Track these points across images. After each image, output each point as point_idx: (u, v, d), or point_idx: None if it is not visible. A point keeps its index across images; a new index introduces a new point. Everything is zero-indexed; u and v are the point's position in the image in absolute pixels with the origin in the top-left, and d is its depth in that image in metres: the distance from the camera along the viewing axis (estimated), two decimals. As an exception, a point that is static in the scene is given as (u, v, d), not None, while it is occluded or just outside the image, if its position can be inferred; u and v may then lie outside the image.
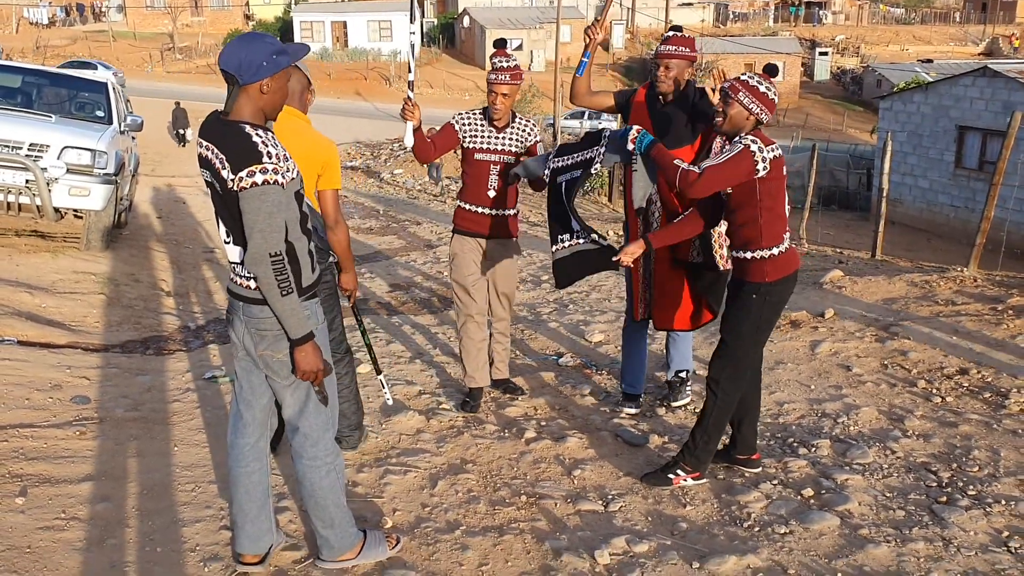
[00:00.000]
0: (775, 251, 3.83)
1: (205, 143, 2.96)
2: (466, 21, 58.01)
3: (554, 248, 4.48)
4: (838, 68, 58.96)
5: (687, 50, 4.63)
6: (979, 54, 58.54)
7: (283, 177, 2.90)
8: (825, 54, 59.01)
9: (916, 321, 6.38)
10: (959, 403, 5.09)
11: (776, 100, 3.77)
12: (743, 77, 3.78)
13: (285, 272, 2.90)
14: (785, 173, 3.83)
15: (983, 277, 7.48)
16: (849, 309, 6.85)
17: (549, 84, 41.51)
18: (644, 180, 4.34)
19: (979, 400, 5.11)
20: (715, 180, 3.72)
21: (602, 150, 4.32)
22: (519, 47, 55.49)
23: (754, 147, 3.69)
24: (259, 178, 2.83)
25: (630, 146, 4.13)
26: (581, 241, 4.40)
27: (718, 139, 4.49)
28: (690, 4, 66.01)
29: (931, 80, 26.32)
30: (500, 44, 4.96)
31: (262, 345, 3.08)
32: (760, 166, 3.69)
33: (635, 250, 4.15)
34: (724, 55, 50.95)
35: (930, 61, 50.53)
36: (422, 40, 59.05)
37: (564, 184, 4.49)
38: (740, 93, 3.74)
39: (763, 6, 70.32)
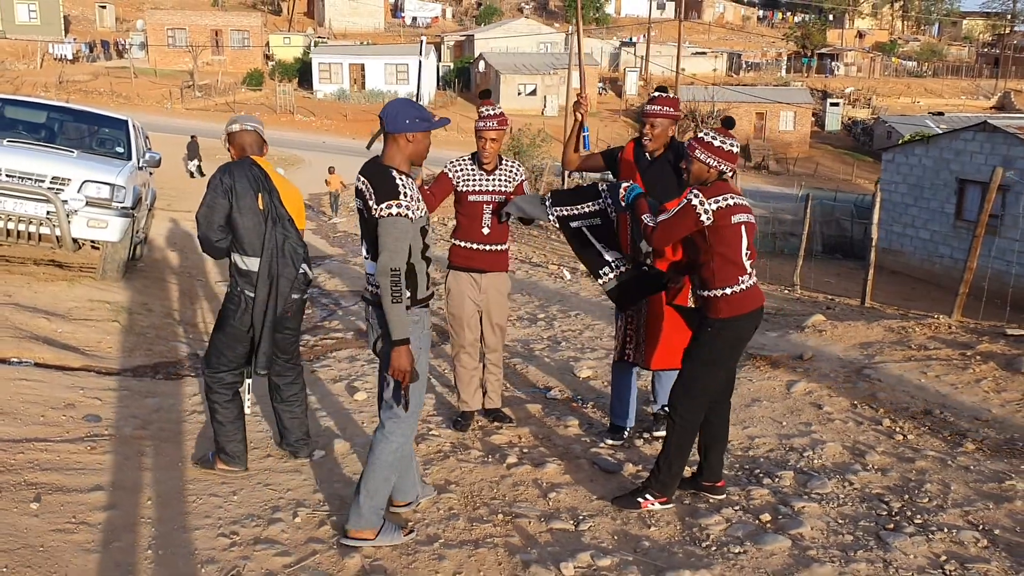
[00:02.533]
0: (728, 291, 4.19)
1: (362, 178, 3.83)
2: (481, 66, 59.05)
3: (600, 282, 5.01)
4: (849, 119, 59.59)
5: (671, 109, 5.02)
6: (991, 107, 59.13)
7: (413, 213, 3.71)
8: (836, 105, 59.68)
9: (888, 364, 6.68)
10: (919, 441, 5.38)
11: (734, 151, 4.17)
12: (700, 135, 4.20)
13: (399, 285, 3.66)
14: (740, 221, 4.18)
15: (957, 324, 7.79)
16: (826, 352, 7.16)
17: (561, 129, 42.13)
18: (636, 228, 4.87)
19: (938, 438, 5.40)
20: (667, 232, 4.23)
21: (608, 201, 4.87)
22: (533, 92, 56.38)
23: (695, 201, 4.12)
24: (395, 211, 3.65)
25: (621, 202, 4.69)
26: (623, 270, 4.93)
27: None
28: (703, 53, 67.00)
29: (938, 133, 26.75)
30: (485, 95, 5.39)
31: (376, 339, 3.93)
32: (703, 217, 4.11)
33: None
34: (736, 104, 51.70)
35: (941, 114, 51.12)
36: (438, 84, 60.11)
37: (587, 229, 5.00)
38: (696, 150, 4.18)
39: (775, 57, 71.28)
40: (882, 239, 22.91)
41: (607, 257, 4.93)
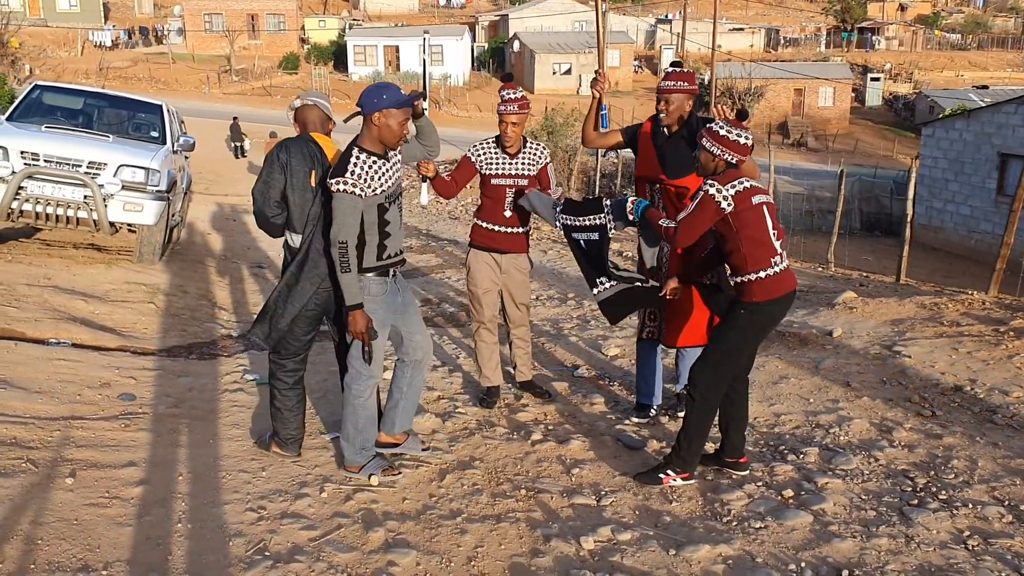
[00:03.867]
0: (761, 275, 4.18)
1: None
2: (516, 46, 58.81)
3: (595, 291, 4.97)
4: (890, 94, 58.58)
5: (687, 84, 4.99)
6: (1037, 79, 57.79)
7: (360, 190, 4.08)
8: (877, 80, 58.67)
9: (919, 341, 6.62)
10: (948, 417, 5.34)
11: (744, 142, 4.15)
12: (710, 125, 4.22)
13: (347, 256, 4.05)
14: (760, 202, 4.17)
15: (992, 300, 7.69)
16: (857, 328, 7.11)
17: (596, 108, 41.85)
18: (650, 242, 4.94)
19: (968, 415, 5.36)
20: (690, 229, 4.22)
21: (610, 217, 4.87)
22: (568, 71, 56.06)
23: (712, 190, 4.12)
24: (340, 187, 4.05)
25: (629, 217, 4.72)
26: (616, 283, 4.89)
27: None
28: (740, 29, 66.16)
29: (980, 106, 26.24)
30: (508, 78, 5.40)
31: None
32: (724, 204, 4.11)
33: (675, 284, 4.75)
34: (774, 80, 51.03)
35: (985, 87, 50.07)
36: (473, 64, 60.00)
37: (583, 242, 5.01)
38: (704, 139, 4.20)
39: (815, 31, 70.18)
40: (922, 215, 22.61)
41: (608, 268, 4.94)
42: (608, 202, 4.86)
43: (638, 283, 4.87)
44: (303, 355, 4.75)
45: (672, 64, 5.13)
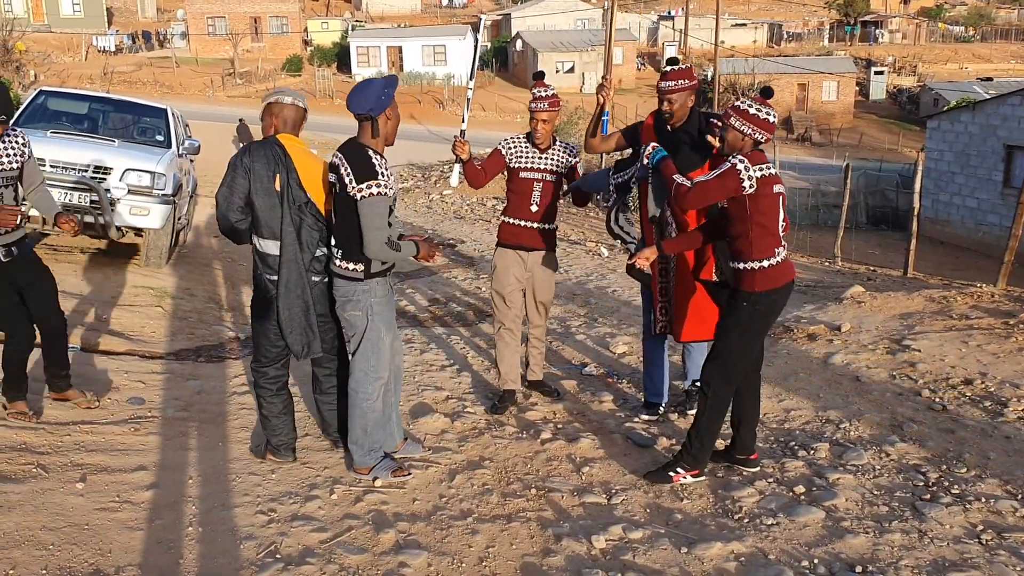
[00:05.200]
0: (765, 264, 4.14)
1: (339, 155, 4.22)
2: (519, 45, 58.77)
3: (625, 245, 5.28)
4: (894, 87, 58.38)
5: (687, 81, 4.96)
6: (1043, 71, 57.57)
7: (389, 191, 4.14)
8: (881, 73, 58.49)
9: (929, 334, 6.59)
10: (959, 411, 5.32)
11: (772, 120, 4.08)
12: (736, 103, 4.13)
13: (396, 246, 4.18)
14: (778, 191, 4.12)
15: (1001, 293, 7.66)
16: (866, 323, 7.08)
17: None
18: (658, 192, 4.86)
19: (979, 408, 5.33)
20: (704, 194, 4.09)
21: (637, 166, 4.91)
22: (571, 70, 56.01)
23: (740, 166, 4.01)
24: (375, 190, 4.06)
25: (644, 160, 4.58)
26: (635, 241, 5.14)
27: None
28: (743, 24, 66.02)
29: (985, 98, 26.14)
30: (539, 76, 5.42)
31: (341, 307, 4.35)
32: (746, 184, 4.01)
33: (649, 254, 4.49)
34: (777, 75, 50.89)
35: (990, 79, 49.90)
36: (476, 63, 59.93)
37: (613, 187, 5.22)
38: (732, 118, 4.09)
39: (817, 26, 70.02)
40: (928, 208, 22.55)
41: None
42: (650, 149, 4.79)
43: (629, 244, 5.02)
44: (284, 360, 4.67)
45: (669, 62, 5.08)
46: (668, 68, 5.02)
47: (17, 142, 4.87)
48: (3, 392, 4.96)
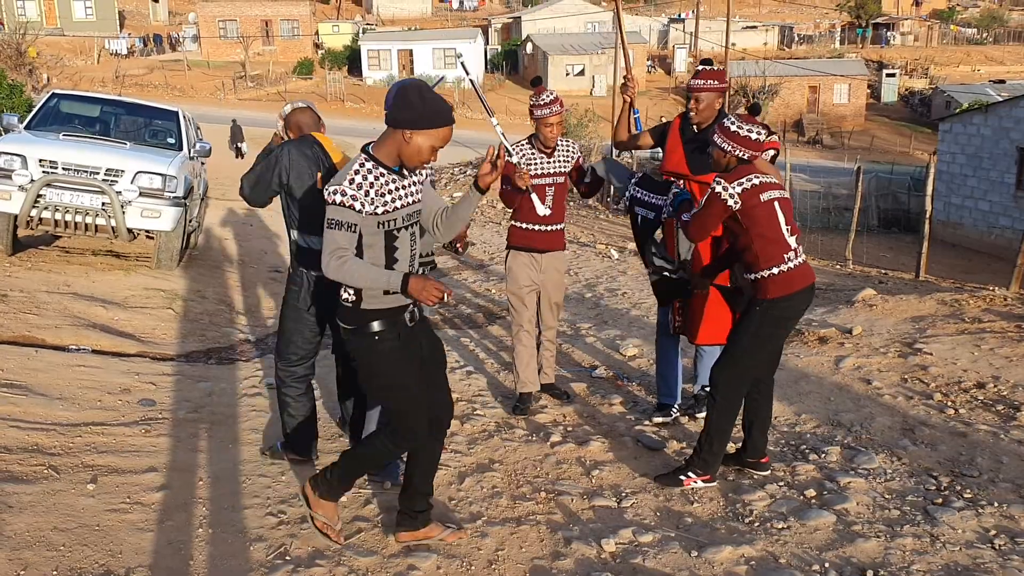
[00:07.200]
0: (775, 271, 4.15)
1: None
2: (529, 48, 58.81)
3: (648, 271, 5.16)
4: (906, 90, 58.16)
5: (716, 83, 4.98)
6: (1055, 74, 57.25)
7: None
8: (893, 75, 58.27)
9: (940, 337, 6.56)
10: (971, 415, 5.28)
11: (754, 138, 4.12)
12: (723, 121, 4.24)
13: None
14: (771, 198, 4.14)
15: (1014, 296, 7.61)
16: (877, 326, 7.05)
17: (609, 109, 41.83)
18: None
19: (991, 412, 5.30)
20: (701, 225, 4.29)
21: (669, 201, 4.95)
22: (581, 72, 56.02)
23: (719, 188, 4.13)
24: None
25: (670, 198, 4.86)
26: (650, 271, 5.09)
27: None
28: (754, 27, 65.92)
29: (997, 101, 26.01)
30: (537, 82, 5.42)
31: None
32: (730, 202, 4.12)
33: (702, 291, 4.86)
34: (788, 78, 50.80)
35: (1003, 82, 49.69)
36: (486, 67, 60.07)
37: (641, 218, 5.13)
38: (716, 136, 4.24)
39: (829, 28, 69.85)
40: (940, 211, 22.45)
41: (650, 256, 5.09)
42: (676, 189, 4.89)
43: (667, 272, 4.97)
44: (312, 359, 4.69)
45: (702, 62, 5.14)
46: (701, 67, 5.05)
47: None
48: None
